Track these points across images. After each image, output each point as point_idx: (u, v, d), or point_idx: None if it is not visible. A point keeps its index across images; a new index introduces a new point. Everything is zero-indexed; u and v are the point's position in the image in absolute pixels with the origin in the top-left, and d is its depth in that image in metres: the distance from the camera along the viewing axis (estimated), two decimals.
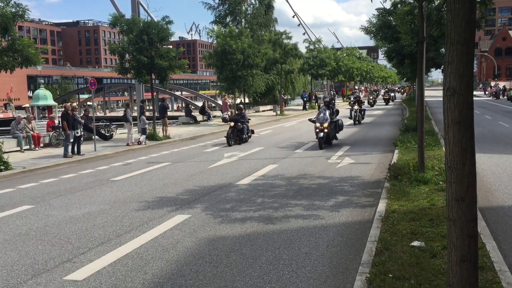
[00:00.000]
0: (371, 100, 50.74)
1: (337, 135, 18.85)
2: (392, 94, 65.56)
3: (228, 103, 33.49)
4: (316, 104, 51.06)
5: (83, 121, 18.91)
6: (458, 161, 3.78)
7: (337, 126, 18.44)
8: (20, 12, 14.36)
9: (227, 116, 32.64)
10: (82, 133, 17.99)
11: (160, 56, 21.55)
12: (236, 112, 21.50)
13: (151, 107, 26.38)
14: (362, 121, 28.86)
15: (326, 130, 17.17)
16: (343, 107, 40.75)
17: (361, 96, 63.72)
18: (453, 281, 3.90)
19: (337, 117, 18.69)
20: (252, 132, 21.21)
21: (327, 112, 17.46)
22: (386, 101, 55.16)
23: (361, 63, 68.98)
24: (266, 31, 46.88)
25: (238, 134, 19.62)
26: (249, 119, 21.15)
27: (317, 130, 17.33)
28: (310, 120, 18.31)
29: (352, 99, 31.79)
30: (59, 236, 7.55)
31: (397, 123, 26.54)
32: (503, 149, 15.89)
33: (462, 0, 3.65)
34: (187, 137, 23.23)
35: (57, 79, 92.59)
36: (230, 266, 6.04)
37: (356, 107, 28.35)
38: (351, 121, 27.63)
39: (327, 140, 17.64)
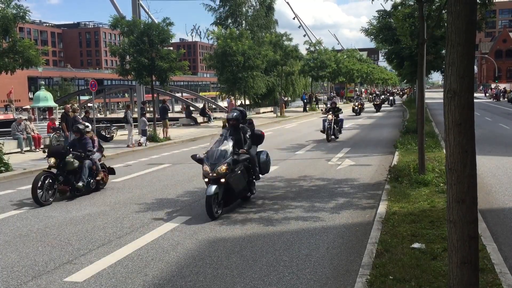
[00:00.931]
0: (356, 107, 38.82)
1: (254, 186, 9.90)
2: (391, 98, 56.40)
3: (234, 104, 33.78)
4: (317, 106, 51.11)
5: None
6: (458, 162, 3.78)
7: (255, 167, 9.63)
8: (21, 14, 14.35)
9: None
10: None
11: (160, 57, 21.57)
12: (77, 134, 11.17)
13: (151, 109, 26.41)
14: (339, 135, 21.45)
15: (222, 180, 8.46)
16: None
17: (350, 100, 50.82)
18: (453, 283, 3.89)
19: (258, 149, 10.11)
20: (110, 171, 11.74)
21: (230, 142, 8.94)
22: (377, 107, 43.51)
23: (361, 65, 69.01)
24: (266, 32, 46.93)
25: (68, 179, 10.34)
26: (100, 148, 11.75)
27: (206, 180, 8.68)
28: (194, 158, 9.09)
29: (328, 105, 24.20)
30: (59, 237, 7.54)
31: (397, 125, 26.56)
32: (504, 151, 15.88)
33: (462, 1, 3.66)
34: (188, 138, 23.23)
35: (57, 80, 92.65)
36: (230, 268, 6.04)
37: (330, 117, 20.74)
38: (324, 137, 20.52)
39: (228, 199, 8.78)
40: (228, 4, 47.29)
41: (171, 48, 24.02)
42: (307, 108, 47.93)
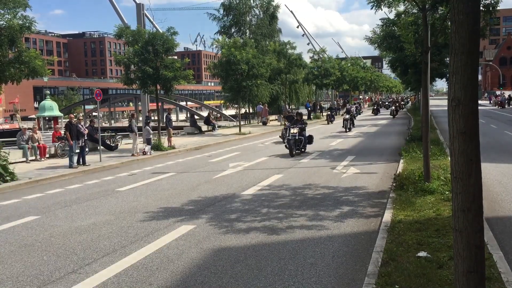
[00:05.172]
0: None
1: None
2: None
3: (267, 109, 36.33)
4: (321, 114, 51.11)
5: (86, 131, 18.77)
6: (463, 171, 3.77)
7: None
8: (27, 24, 14.45)
9: (266, 120, 36.91)
10: (84, 143, 17.70)
11: (165, 67, 21.67)
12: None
13: (155, 117, 26.49)
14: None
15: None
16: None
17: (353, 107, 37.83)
18: None
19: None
20: None
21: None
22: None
23: (365, 73, 68.96)
24: (270, 41, 47.13)
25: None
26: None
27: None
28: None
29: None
30: (64, 247, 7.55)
31: (402, 133, 26.50)
32: (510, 158, 15.79)
33: (466, 11, 3.66)
34: (192, 147, 23.26)
35: (63, 90, 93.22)
36: (235, 277, 6.02)
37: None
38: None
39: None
40: (232, 13, 47.62)
41: (176, 57, 24.08)
42: (311, 116, 47.92)
